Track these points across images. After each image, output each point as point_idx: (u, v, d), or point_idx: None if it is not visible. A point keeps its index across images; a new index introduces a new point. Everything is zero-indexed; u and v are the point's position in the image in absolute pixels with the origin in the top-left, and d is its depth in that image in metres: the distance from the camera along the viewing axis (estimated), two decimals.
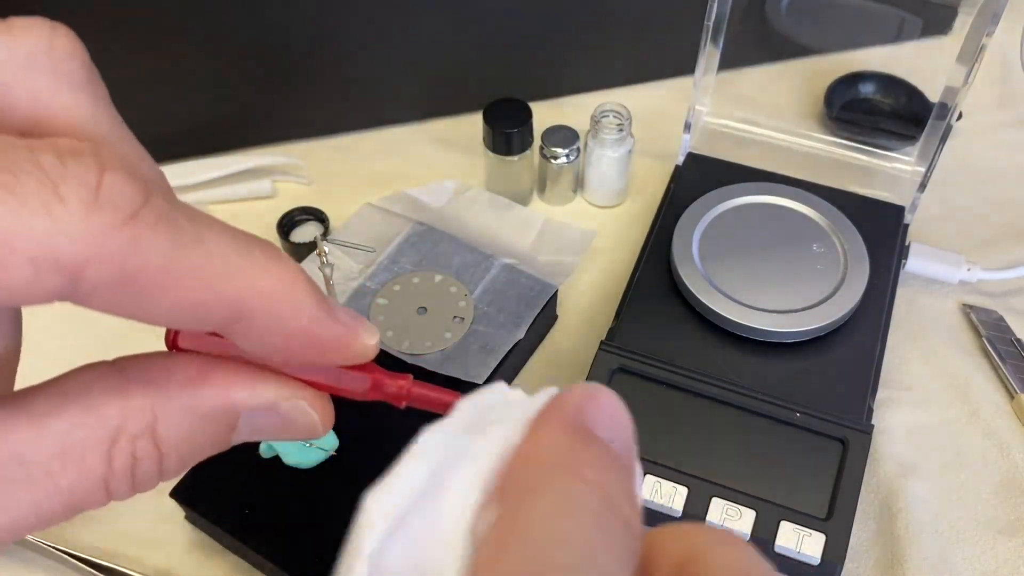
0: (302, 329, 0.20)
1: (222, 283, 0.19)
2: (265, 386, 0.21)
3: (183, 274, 0.18)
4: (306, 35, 0.61)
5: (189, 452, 0.20)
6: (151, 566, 0.45)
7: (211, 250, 0.19)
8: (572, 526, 0.16)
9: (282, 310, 0.20)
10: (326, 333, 0.21)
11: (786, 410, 0.45)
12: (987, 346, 0.53)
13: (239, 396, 0.21)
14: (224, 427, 0.21)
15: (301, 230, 0.60)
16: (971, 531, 0.46)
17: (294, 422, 0.22)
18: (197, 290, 0.18)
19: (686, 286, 0.49)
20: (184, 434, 0.20)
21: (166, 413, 0.20)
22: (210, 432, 0.21)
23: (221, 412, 0.21)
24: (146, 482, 0.20)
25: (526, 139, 0.58)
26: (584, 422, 0.18)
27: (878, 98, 0.66)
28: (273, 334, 0.20)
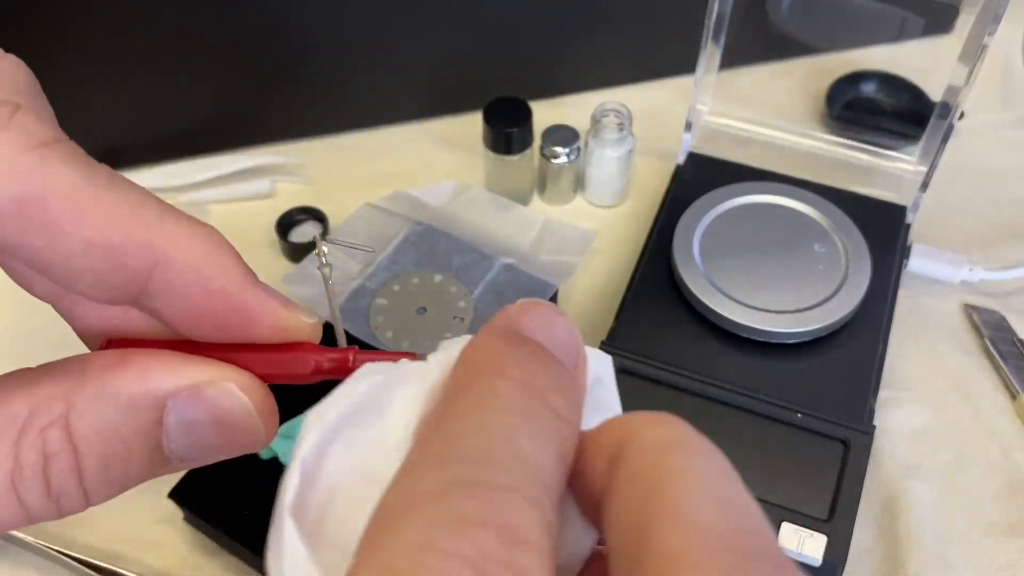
0: (227, 291, 0.19)
1: (135, 225, 0.18)
2: (189, 368, 0.19)
3: (94, 210, 0.18)
4: (306, 35, 0.61)
5: (112, 452, 0.18)
6: (149, 567, 0.45)
7: (126, 195, 0.18)
8: (492, 416, 0.15)
9: (203, 265, 0.19)
10: (253, 299, 0.20)
11: (787, 411, 0.45)
12: (989, 347, 0.53)
13: (159, 379, 0.19)
14: (147, 419, 0.18)
15: (300, 230, 0.60)
16: (973, 532, 0.45)
17: (227, 413, 0.19)
18: (109, 229, 0.18)
19: (687, 286, 0.49)
20: (102, 425, 0.18)
21: (80, 401, 0.18)
22: (132, 425, 0.18)
23: (141, 398, 0.18)
24: (65, 489, 0.18)
25: (526, 138, 0.58)
26: (516, 328, 0.18)
27: (880, 97, 0.66)
28: (195, 293, 0.19)
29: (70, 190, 0.18)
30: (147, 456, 0.19)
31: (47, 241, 0.18)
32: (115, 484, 0.19)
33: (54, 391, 0.18)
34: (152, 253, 0.18)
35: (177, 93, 0.61)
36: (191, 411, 0.19)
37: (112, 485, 0.19)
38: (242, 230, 0.60)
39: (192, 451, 0.19)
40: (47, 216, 0.17)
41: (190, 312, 0.19)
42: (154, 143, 0.63)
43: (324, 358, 0.21)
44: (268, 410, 0.20)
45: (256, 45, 0.61)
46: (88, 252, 0.18)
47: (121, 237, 0.18)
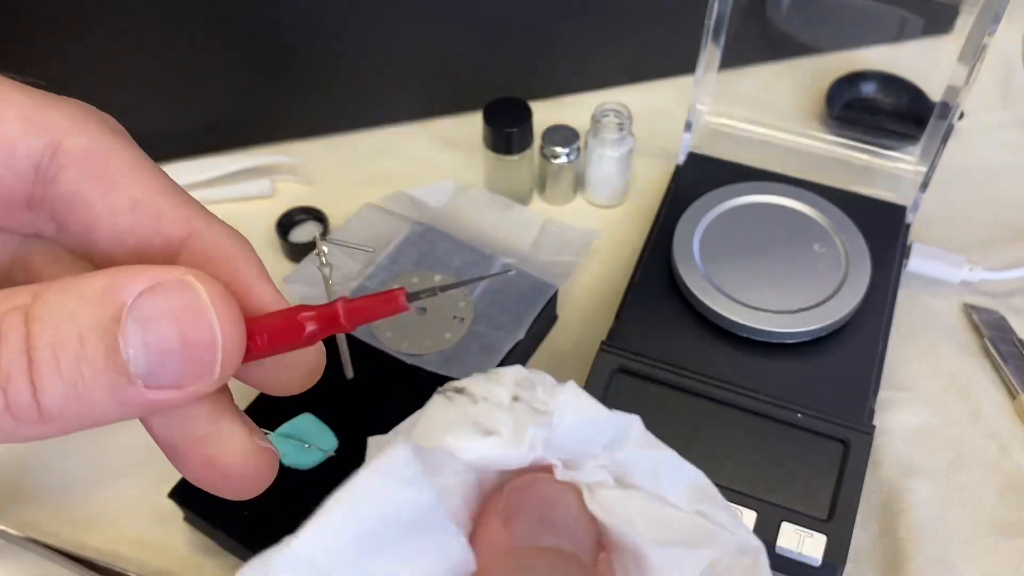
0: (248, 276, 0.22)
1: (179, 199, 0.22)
2: (155, 268, 0.19)
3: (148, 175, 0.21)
4: (306, 34, 0.61)
5: (63, 341, 0.17)
6: (150, 567, 0.45)
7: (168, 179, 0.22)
8: None
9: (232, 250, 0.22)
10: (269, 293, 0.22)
11: (787, 411, 0.45)
12: (989, 346, 0.53)
13: (124, 277, 0.18)
14: (105, 314, 0.18)
15: (300, 230, 0.60)
16: (972, 532, 0.45)
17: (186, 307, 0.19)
18: (158, 193, 0.21)
19: (687, 286, 0.49)
20: (60, 316, 0.18)
21: (45, 291, 0.18)
22: (89, 318, 0.18)
23: (103, 290, 0.18)
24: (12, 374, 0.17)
25: (526, 138, 0.58)
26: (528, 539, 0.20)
27: (879, 97, 0.66)
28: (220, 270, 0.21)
29: (129, 156, 0.21)
30: (104, 359, 0.18)
31: (102, 193, 0.20)
32: (67, 383, 0.18)
33: (29, 288, 0.18)
34: (189, 225, 0.21)
35: (177, 93, 0.61)
36: (147, 306, 0.18)
37: (63, 384, 0.18)
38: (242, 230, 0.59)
39: (152, 360, 0.18)
40: (107, 170, 0.20)
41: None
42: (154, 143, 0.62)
43: (311, 317, 0.21)
44: (228, 312, 0.19)
45: (256, 45, 0.61)
46: (135, 209, 0.21)
47: (166, 203, 0.21)
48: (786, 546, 0.41)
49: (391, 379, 0.47)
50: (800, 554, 0.41)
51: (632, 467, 0.22)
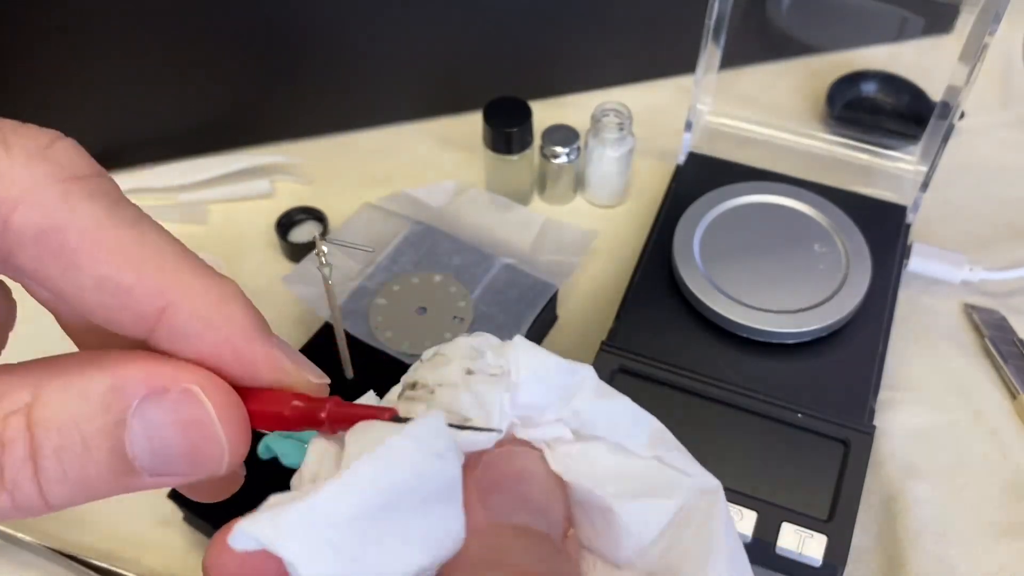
0: (232, 343, 0.19)
1: (150, 268, 0.19)
2: (162, 369, 0.19)
3: (111, 248, 0.18)
4: (305, 34, 0.61)
5: (69, 447, 0.18)
6: (149, 567, 0.45)
7: (147, 239, 0.19)
8: None
9: (212, 315, 0.19)
10: (261, 353, 0.20)
11: (787, 411, 0.45)
12: (989, 347, 0.53)
13: (129, 378, 0.18)
14: (111, 417, 0.18)
15: (300, 230, 0.60)
16: (973, 533, 0.45)
17: (191, 419, 0.19)
18: (122, 268, 0.18)
19: (687, 286, 0.49)
20: (63, 418, 0.18)
21: (46, 391, 0.18)
22: (94, 422, 0.18)
23: (106, 395, 0.18)
24: (19, 480, 0.17)
25: (526, 138, 0.58)
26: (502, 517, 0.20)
27: (880, 97, 0.66)
28: (201, 342, 0.19)
29: (90, 226, 0.18)
30: (108, 458, 0.18)
31: (61, 272, 0.18)
32: (72, 483, 0.18)
33: (25, 380, 0.18)
34: (162, 297, 0.19)
35: (177, 93, 0.61)
36: (155, 414, 0.18)
37: (69, 484, 0.18)
38: (242, 230, 0.60)
39: (157, 459, 0.18)
40: (64, 248, 0.18)
41: (195, 357, 0.19)
42: (154, 143, 0.63)
43: (299, 401, 0.21)
44: (234, 422, 0.19)
45: (256, 45, 0.61)
46: (99, 288, 0.18)
47: (133, 278, 0.18)
48: (786, 546, 0.41)
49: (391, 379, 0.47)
50: (800, 555, 0.41)
51: (589, 417, 0.22)
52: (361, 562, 0.17)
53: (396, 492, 0.17)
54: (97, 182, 0.19)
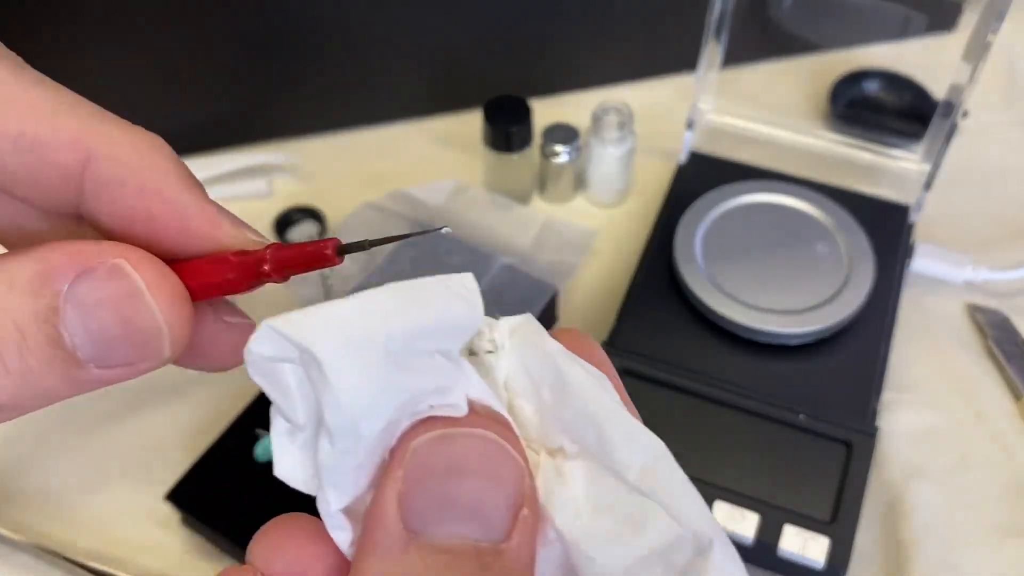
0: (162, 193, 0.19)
1: (66, 120, 0.18)
2: (88, 249, 0.18)
3: (23, 104, 0.18)
4: (303, 33, 0.60)
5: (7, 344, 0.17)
6: (147, 570, 0.45)
7: (59, 95, 0.19)
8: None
9: (137, 163, 0.19)
10: (192, 204, 0.19)
11: (790, 412, 0.44)
12: (993, 347, 0.52)
13: (55, 260, 0.18)
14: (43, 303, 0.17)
15: (298, 229, 0.59)
16: (977, 534, 0.45)
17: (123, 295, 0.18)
18: (38, 123, 0.18)
19: (688, 287, 0.49)
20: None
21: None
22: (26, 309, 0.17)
23: (36, 278, 0.17)
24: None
25: (526, 137, 0.58)
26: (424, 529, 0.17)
27: (883, 96, 0.66)
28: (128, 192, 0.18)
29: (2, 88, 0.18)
30: (47, 347, 0.17)
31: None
32: (15, 375, 0.17)
33: None
34: (83, 147, 0.18)
35: (174, 92, 0.61)
36: (85, 294, 0.18)
37: (12, 376, 0.17)
38: None
39: (96, 344, 0.18)
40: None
41: (122, 213, 0.19)
42: None
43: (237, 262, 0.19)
44: (168, 296, 0.18)
45: (254, 44, 0.60)
46: (17, 148, 0.18)
47: (51, 130, 0.18)
48: (789, 548, 0.41)
49: None
50: (803, 557, 0.40)
51: (579, 424, 0.18)
52: (387, 378, 0.16)
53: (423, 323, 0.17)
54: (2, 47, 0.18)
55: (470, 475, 0.17)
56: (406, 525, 0.16)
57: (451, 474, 0.17)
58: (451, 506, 0.16)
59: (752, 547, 0.41)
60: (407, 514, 0.17)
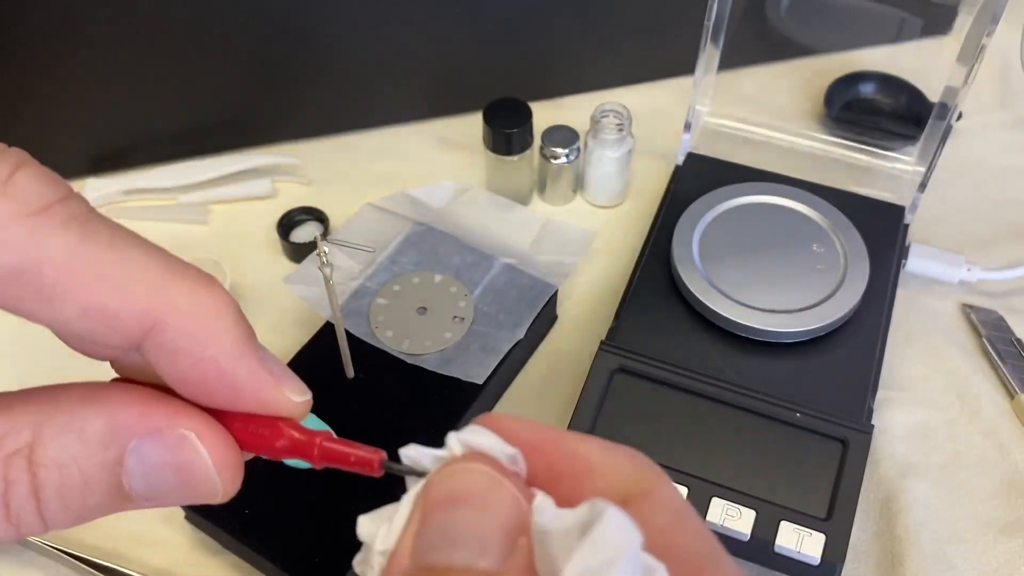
0: (217, 361, 0.19)
1: (134, 289, 0.18)
2: (158, 411, 0.19)
3: (91, 276, 0.18)
4: (306, 35, 0.61)
5: (70, 484, 0.18)
6: (151, 566, 0.45)
7: (127, 256, 0.18)
8: None
9: (198, 333, 0.19)
10: (244, 372, 0.20)
11: (786, 410, 0.45)
12: (987, 346, 0.53)
13: (126, 418, 0.19)
14: (109, 456, 0.19)
15: (301, 230, 0.60)
16: (971, 531, 0.46)
17: (184, 461, 0.19)
18: (105, 294, 0.18)
19: (686, 286, 0.49)
20: (63, 458, 0.18)
21: (46, 432, 0.18)
22: (93, 460, 0.19)
23: (104, 435, 0.19)
24: (23, 514, 0.18)
25: (526, 139, 0.58)
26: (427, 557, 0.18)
27: (878, 98, 0.66)
28: (186, 359, 0.19)
29: (66, 257, 0.18)
30: (107, 491, 0.19)
31: (44, 307, 0.18)
32: (73, 513, 0.19)
33: (25, 419, 0.18)
34: (149, 317, 0.19)
35: (179, 94, 0.61)
36: (151, 455, 0.19)
37: (70, 514, 0.19)
38: (243, 230, 0.61)
39: (152, 491, 0.19)
40: (42, 284, 0.18)
41: (181, 376, 0.19)
42: (156, 144, 0.63)
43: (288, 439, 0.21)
44: (229, 465, 0.20)
45: (257, 46, 0.61)
46: (84, 317, 0.18)
47: (118, 302, 0.18)
48: (785, 545, 0.41)
49: (392, 379, 0.48)
50: (799, 553, 0.41)
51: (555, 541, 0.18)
52: None
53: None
54: (64, 206, 0.18)
55: (465, 505, 0.18)
56: (413, 556, 0.18)
57: (449, 504, 0.18)
58: (448, 533, 0.18)
59: (748, 543, 0.42)
60: (416, 545, 0.18)
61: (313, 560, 0.41)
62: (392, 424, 0.46)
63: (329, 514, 0.42)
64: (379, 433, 0.45)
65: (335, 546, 0.41)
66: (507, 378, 0.52)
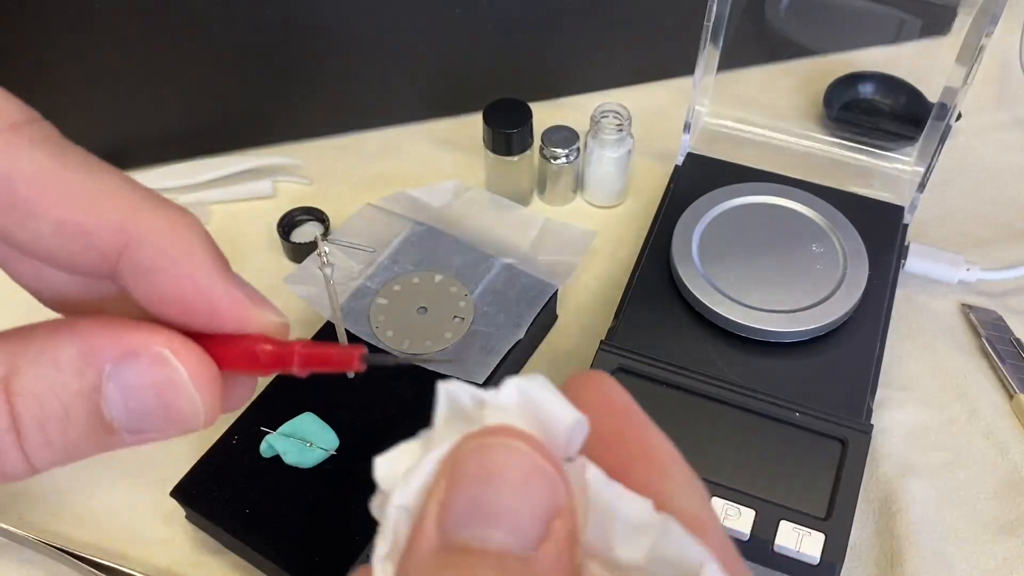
0: (194, 278, 0.19)
1: (107, 207, 0.18)
2: (132, 333, 0.19)
3: (64, 191, 0.18)
4: (306, 36, 0.61)
5: (49, 413, 0.18)
6: (152, 565, 0.45)
7: (100, 177, 0.19)
8: None
9: (173, 249, 0.19)
10: (221, 290, 0.20)
11: (786, 410, 0.45)
12: (986, 346, 0.53)
13: (100, 342, 0.19)
14: (86, 382, 0.18)
15: (301, 230, 0.60)
16: (970, 531, 0.46)
17: (165, 381, 0.19)
18: (79, 210, 0.18)
19: (686, 286, 0.49)
20: (40, 387, 0.18)
21: (22, 362, 0.18)
22: (71, 387, 0.18)
23: (79, 360, 0.18)
24: (3, 448, 0.18)
25: (526, 139, 0.58)
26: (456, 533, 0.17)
27: (877, 98, 0.66)
28: (162, 277, 0.19)
29: (38, 171, 0.18)
30: (88, 421, 0.19)
31: (16, 221, 0.18)
32: (55, 448, 0.18)
33: (1, 356, 0.18)
34: (123, 234, 0.19)
35: (179, 94, 0.61)
36: (128, 377, 0.19)
37: (52, 448, 0.18)
38: (244, 230, 0.61)
39: (134, 419, 0.19)
40: (15, 197, 0.18)
41: (157, 296, 0.19)
42: (156, 144, 0.63)
43: (268, 349, 0.20)
44: (208, 381, 0.20)
45: (257, 46, 0.61)
46: (58, 233, 0.18)
47: (92, 218, 0.18)
48: (784, 544, 0.41)
49: (391, 378, 0.48)
50: (798, 552, 0.41)
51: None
52: None
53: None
54: (37, 127, 0.18)
55: (500, 481, 0.17)
56: (441, 529, 0.17)
57: (483, 480, 0.17)
58: (481, 510, 0.17)
59: (748, 543, 0.42)
60: (443, 519, 0.17)
61: (313, 560, 0.41)
62: (392, 424, 0.46)
63: (329, 514, 0.42)
64: (378, 433, 0.45)
65: (335, 546, 0.41)
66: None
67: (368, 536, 0.41)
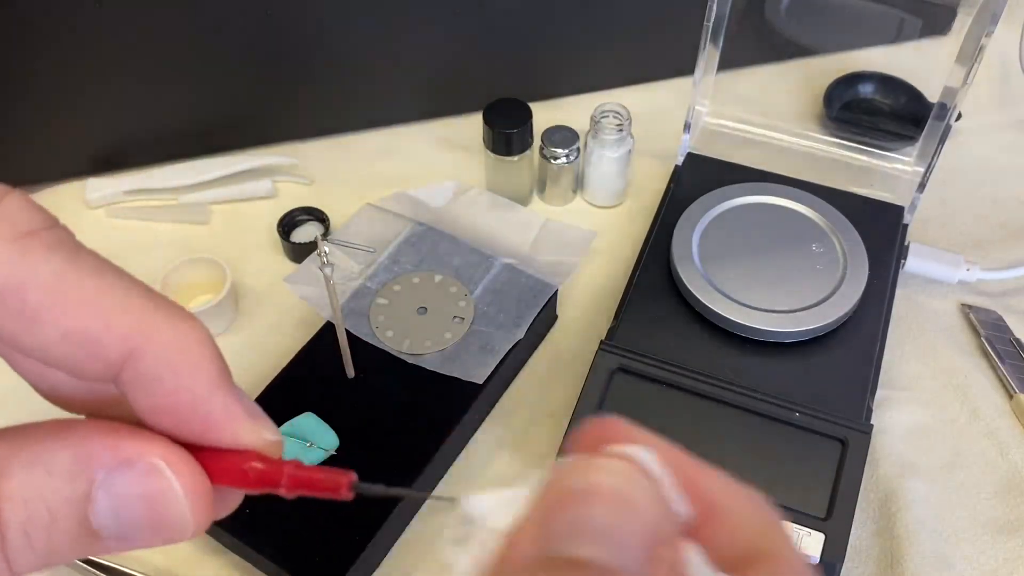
0: (193, 392, 0.19)
1: (115, 315, 0.18)
2: (126, 442, 0.19)
3: (74, 300, 0.18)
4: (307, 36, 0.61)
5: (35, 520, 0.18)
6: (152, 565, 0.45)
7: (110, 284, 0.19)
8: None
9: (177, 362, 0.19)
10: (219, 406, 0.19)
11: (785, 410, 0.45)
12: (986, 346, 0.53)
13: (92, 448, 0.18)
14: (76, 489, 0.18)
15: (301, 230, 0.60)
16: (970, 530, 0.46)
17: (157, 493, 0.19)
18: (88, 318, 0.18)
19: (686, 286, 0.49)
20: (28, 492, 0.18)
21: (12, 466, 0.18)
22: (60, 494, 0.18)
23: (72, 464, 0.18)
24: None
25: (526, 139, 0.58)
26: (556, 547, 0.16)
27: (877, 98, 0.66)
28: (162, 388, 0.19)
29: (50, 280, 0.18)
30: (74, 528, 0.18)
31: (24, 328, 0.18)
32: (39, 553, 0.18)
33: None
34: (128, 342, 0.19)
35: (180, 95, 0.61)
36: (120, 486, 0.19)
37: (35, 553, 0.18)
38: (244, 230, 0.61)
39: (122, 528, 0.19)
40: (25, 306, 0.18)
41: (155, 405, 0.19)
42: (157, 144, 0.63)
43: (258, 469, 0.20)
44: (200, 495, 0.20)
45: (258, 47, 0.61)
46: (65, 341, 0.18)
47: (99, 326, 0.18)
48: None
49: (392, 378, 0.48)
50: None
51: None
52: None
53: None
54: (52, 234, 0.18)
55: (604, 499, 0.17)
56: (539, 545, 0.17)
57: (586, 497, 0.17)
58: (583, 527, 0.17)
59: None
60: (542, 535, 0.17)
61: (313, 560, 0.41)
62: (392, 424, 0.46)
63: (329, 514, 0.42)
64: (378, 433, 0.45)
65: (335, 546, 0.41)
66: (507, 378, 0.52)
67: (368, 536, 0.41)
